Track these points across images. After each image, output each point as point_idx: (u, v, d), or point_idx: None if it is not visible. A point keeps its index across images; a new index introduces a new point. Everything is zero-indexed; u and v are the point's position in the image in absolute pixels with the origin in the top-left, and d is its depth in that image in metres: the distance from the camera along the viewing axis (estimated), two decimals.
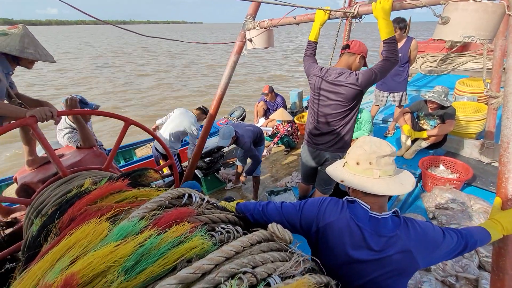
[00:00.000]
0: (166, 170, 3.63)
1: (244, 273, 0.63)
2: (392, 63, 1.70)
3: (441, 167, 2.96)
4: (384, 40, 1.68)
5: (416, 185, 2.97)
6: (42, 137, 1.55)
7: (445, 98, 2.91)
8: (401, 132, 3.37)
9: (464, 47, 5.61)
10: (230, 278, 0.61)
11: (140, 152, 4.89)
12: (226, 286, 0.55)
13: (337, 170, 1.01)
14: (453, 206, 2.37)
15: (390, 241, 0.84)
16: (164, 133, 3.39)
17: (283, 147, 4.62)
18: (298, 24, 2.17)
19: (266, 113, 5.13)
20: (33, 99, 1.88)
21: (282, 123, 4.46)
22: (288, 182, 3.53)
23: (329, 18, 1.91)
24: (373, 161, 0.91)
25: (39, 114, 1.49)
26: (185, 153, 3.85)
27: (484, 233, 1.00)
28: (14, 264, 1.52)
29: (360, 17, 1.84)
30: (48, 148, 1.58)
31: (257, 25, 2.37)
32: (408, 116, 3.24)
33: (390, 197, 0.95)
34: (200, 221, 0.88)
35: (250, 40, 2.38)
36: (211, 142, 3.85)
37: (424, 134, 3.08)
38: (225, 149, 4.13)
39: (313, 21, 1.95)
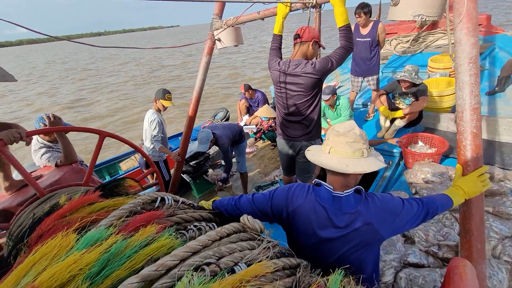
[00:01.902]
0: (152, 180, 3.60)
1: (208, 264, 0.65)
2: (347, 51, 1.75)
3: (420, 143, 3.05)
4: (339, 28, 1.72)
5: (399, 163, 3.06)
6: (13, 159, 1.52)
7: (415, 76, 2.99)
8: (379, 114, 3.46)
9: (434, 25, 5.75)
10: (194, 270, 0.63)
11: (125, 166, 4.80)
12: (187, 277, 0.58)
13: (314, 146, 1.09)
14: (432, 179, 2.46)
15: (353, 217, 0.89)
16: (145, 143, 3.29)
17: (270, 142, 4.66)
18: (263, 19, 2.19)
19: (249, 110, 5.15)
20: (1, 122, 1.84)
21: (268, 120, 4.49)
22: (276, 175, 3.58)
23: (290, 10, 1.94)
24: (330, 137, 0.97)
25: (7, 137, 1.47)
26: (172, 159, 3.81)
27: (445, 199, 1.05)
28: None
29: (320, 7, 1.88)
30: (21, 169, 1.55)
31: (224, 24, 2.38)
32: (384, 97, 3.33)
33: (363, 181, 0.99)
34: (171, 221, 0.90)
35: (219, 40, 2.39)
36: (196, 145, 3.85)
37: (400, 113, 3.17)
38: (211, 151, 4.13)
39: (276, 14, 1.98)
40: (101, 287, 0.62)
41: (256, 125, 4.78)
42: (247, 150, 4.38)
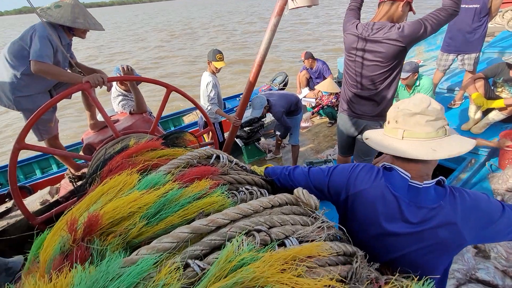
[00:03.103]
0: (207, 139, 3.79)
1: (259, 231, 0.61)
2: (449, 14, 1.38)
3: None
4: None
5: (484, 164, 2.56)
6: (96, 100, 1.72)
7: None
8: (469, 102, 2.86)
9: None
10: (243, 234, 0.60)
11: (187, 119, 5.33)
12: (237, 240, 0.54)
13: (372, 132, 0.93)
14: None
15: (432, 213, 0.73)
16: (202, 104, 3.30)
17: (327, 119, 4.39)
18: None
19: (309, 83, 4.85)
20: (89, 67, 2.07)
21: (330, 95, 4.17)
22: (330, 154, 3.40)
23: None
24: (399, 119, 0.80)
25: (92, 80, 1.64)
26: (227, 122, 3.91)
27: None
28: None
29: None
30: (102, 111, 1.75)
31: None
32: (481, 83, 2.70)
33: (436, 168, 0.81)
34: (224, 180, 0.89)
35: None
36: (251, 112, 3.84)
37: (501, 103, 2.55)
38: (266, 120, 4.10)
39: None
40: (156, 228, 0.64)
41: (316, 99, 4.51)
42: (302, 124, 4.21)
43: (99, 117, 2.35)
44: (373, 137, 0.90)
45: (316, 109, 4.08)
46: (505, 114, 2.63)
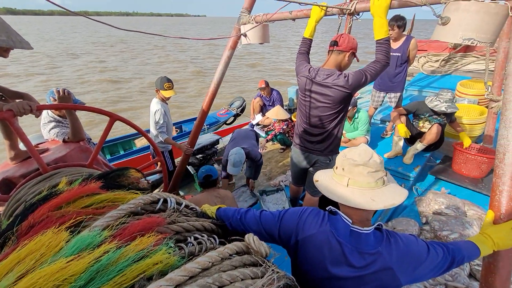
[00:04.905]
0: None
1: None
2: (383, 66, 1.63)
3: None
4: (377, 40, 1.60)
5: (411, 188, 2.93)
6: (21, 131, 1.49)
7: (454, 105, 2.81)
8: (395, 131, 3.29)
9: (468, 47, 5.50)
10: None
11: (139, 143, 4.89)
12: None
13: (324, 172, 0.99)
14: (447, 211, 2.33)
15: (371, 258, 0.80)
16: (151, 131, 3.12)
17: (279, 145, 4.57)
18: (294, 19, 2.09)
19: (263, 109, 5.06)
20: (13, 91, 1.80)
21: (278, 121, 4.38)
22: (282, 180, 3.48)
23: (325, 15, 1.83)
24: (345, 167, 0.88)
25: (17, 108, 1.43)
26: (178, 150, 3.75)
27: (473, 248, 0.95)
28: None
29: (358, 14, 1.76)
30: (27, 143, 1.52)
31: (252, 20, 2.29)
32: (403, 116, 3.16)
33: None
34: (172, 230, 0.83)
35: (244, 35, 2.30)
36: (204, 139, 3.78)
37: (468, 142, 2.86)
38: (218, 146, 4.07)
39: (309, 17, 1.88)
40: None
41: (268, 126, 4.68)
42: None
43: (22, 145, 2.03)
44: (322, 179, 0.96)
45: (269, 136, 4.23)
46: (425, 144, 3.09)
